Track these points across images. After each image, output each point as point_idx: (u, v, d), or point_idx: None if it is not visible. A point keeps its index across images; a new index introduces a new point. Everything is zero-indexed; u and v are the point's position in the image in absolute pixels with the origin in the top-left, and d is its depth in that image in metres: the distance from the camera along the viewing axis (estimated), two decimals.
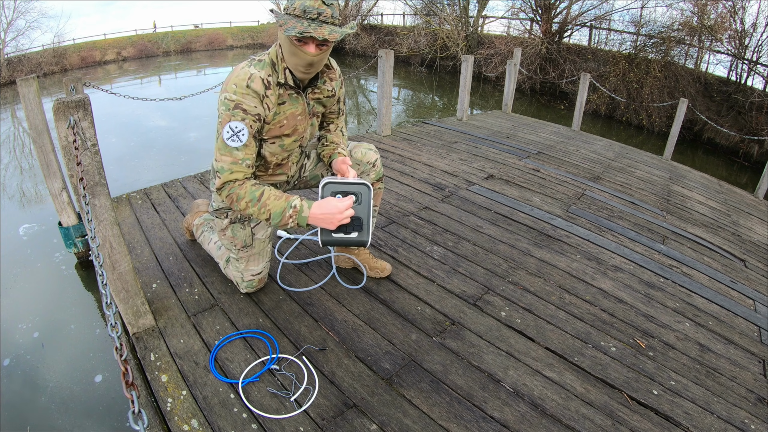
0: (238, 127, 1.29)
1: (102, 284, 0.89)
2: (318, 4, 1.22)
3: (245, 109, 1.29)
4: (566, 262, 2.13)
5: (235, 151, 1.29)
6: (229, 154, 1.29)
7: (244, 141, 1.29)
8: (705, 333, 1.76)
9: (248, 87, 1.29)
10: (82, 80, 2.76)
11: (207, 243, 1.87)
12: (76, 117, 1.21)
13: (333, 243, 1.38)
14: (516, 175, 3.36)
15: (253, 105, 1.30)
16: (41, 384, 2.05)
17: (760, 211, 3.87)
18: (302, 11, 1.22)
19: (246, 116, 1.29)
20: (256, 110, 1.31)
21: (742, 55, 8.70)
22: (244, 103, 1.29)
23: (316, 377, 1.36)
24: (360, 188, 1.35)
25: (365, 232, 1.38)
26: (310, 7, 1.21)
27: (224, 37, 21.27)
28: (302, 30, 1.19)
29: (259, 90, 1.31)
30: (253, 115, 1.31)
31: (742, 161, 7.89)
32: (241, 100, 1.29)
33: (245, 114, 1.29)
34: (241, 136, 1.29)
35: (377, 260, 1.88)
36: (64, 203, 2.61)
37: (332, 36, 1.22)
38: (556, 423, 1.26)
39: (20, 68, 13.14)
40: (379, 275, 1.86)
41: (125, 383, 0.66)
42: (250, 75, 1.30)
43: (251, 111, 1.30)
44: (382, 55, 3.85)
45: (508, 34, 12.76)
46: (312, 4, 1.21)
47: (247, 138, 1.30)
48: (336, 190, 1.33)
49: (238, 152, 1.30)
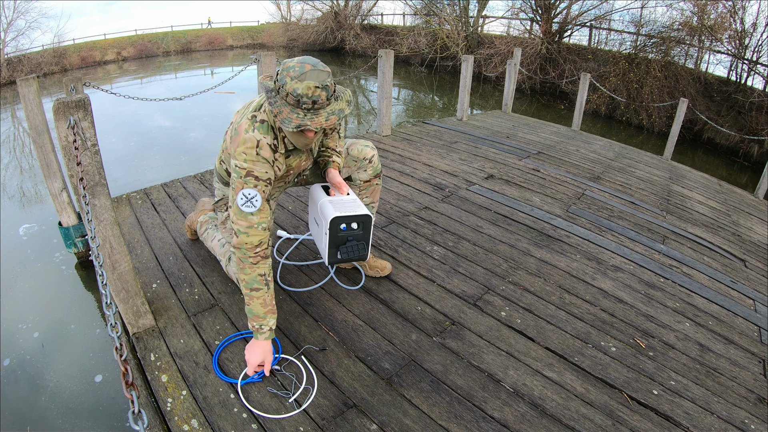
0: (251, 194, 1.31)
1: (102, 284, 0.89)
2: (311, 90, 1.18)
3: (257, 176, 1.31)
4: (566, 262, 2.13)
5: (251, 216, 1.32)
6: (245, 219, 1.32)
7: (258, 206, 1.32)
8: (705, 333, 1.76)
9: (258, 155, 1.30)
10: (82, 80, 2.76)
11: (210, 240, 1.87)
12: (76, 117, 1.21)
13: (338, 263, 1.54)
14: (516, 175, 3.36)
15: (264, 171, 1.32)
16: (41, 384, 2.05)
17: (760, 211, 3.87)
18: (296, 101, 1.19)
19: (258, 182, 1.31)
20: (267, 175, 1.33)
21: (742, 55, 8.69)
22: (255, 170, 1.30)
23: (315, 377, 1.36)
24: (364, 218, 1.47)
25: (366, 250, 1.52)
26: (304, 95, 1.18)
27: (224, 37, 21.28)
28: (299, 123, 1.19)
29: (268, 157, 1.32)
30: (265, 180, 1.33)
31: (742, 161, 7.89)
32: (252, 167, 1.30)
33: (257, 180, 1.31)
34: (255, 202, 1.31)
35: (377, 259, 1.88)
36: (64, 203, 2.61)
37: (329, 123, 1.22)
38: (556, 423, 1.26)
39: (20, 68, 13.14)
40: (379, 274, 1.86)
41: (125, 383, 0.66)
42: (258, 142, 1.30)
43: (262, 177, 1.32)
44: (382, 55, 3.85)
45: (508, 34, 12.75)
46: (305, 93, 1.17)
47: (261, 203, 1.32)
48: (342, 223, 1.44)
49: (253, 217, 1.32)
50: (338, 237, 1.46)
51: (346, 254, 1.48)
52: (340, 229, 1.45)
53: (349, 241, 1.48)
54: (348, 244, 1.48)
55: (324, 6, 17.43)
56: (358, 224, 1.47)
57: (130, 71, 15.36)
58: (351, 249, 1.48)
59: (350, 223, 1.46)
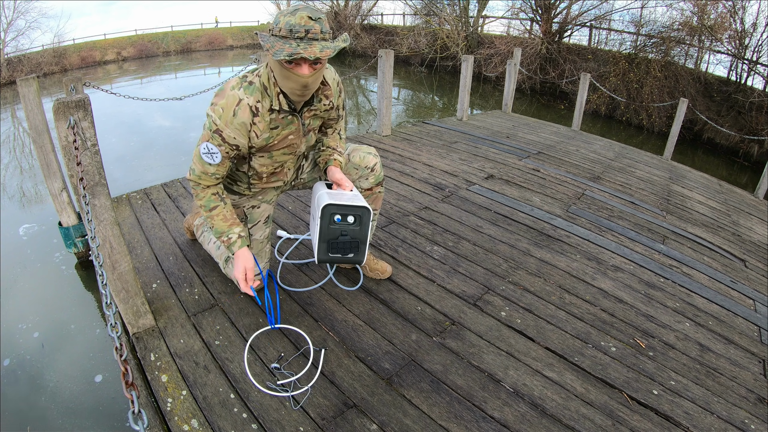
0: (213, 150, 1.32)
1: (102, 284, 0.89)
2: (304, 20, 1.13)
3: (224, 138, 1.30)
4: (566, 262, 2.13)
5: (207, 165, 1.34)
6: (202, 165, 1.35)
7: (216, 162, 1.34)
8: (705, 333, 1.76)
9: (234, 116, 1.27)
10: (82, 80, 2.76)
11: (207, 243, 1.87)
12: (76, 117, 1.21)
13: (329, 261, 1.43)
14: (516, 175, 3.36)
15: (232, 136, 1.30)
16: (41, 384, 2.05)
17: (760, 211, 3.87)
18: (288, 31, 1.14)
19: (222, 144, 1.31)
20: (235, 141, 1.31)
21: (742, 55, 8.69)
22: (224, 132, 1.29)
23: (316, 377, 1.36)
24: (361, 211, 1.34)
25: (361, 252, 1.41)
26: (296, 25, 1.13)
27: (224, 37, 21.27)
28: (291, 52, 1.11)
29: (245, 120, 1.28)
30: (231, 145, 1.32)
31: (742, 161, 7.88)
32: (223, 128, 1.28)
33: (222, 142, 1.30)
34: (215, 157, 1.33)
35: (378, 261, 1.87)
36: (64, 203, 2.61)
37: (324, 53, 1.15)
38: (556, 423, 1.26)
39: (20, 68, 13.13)
40: (379, 276, 1.85)
41: (125, 383, 0.66)
42: (239, 101, 1.26)
43: (229, 140, 1.30)
44: (382, 55, 3.85)
45: (508, 34, 12.75)
46: (298, 22, 1.13)
47: (220, 160, 1.34)
48: (336, 212, 1.33)
49: (209, 167, 1.35)
50: (330, 230, 1.33)
51: (338, 252, 1.36)
52: (334, 221, 1.33)
53: (342, 236, 1.35)
54: (341, 240, 1.35)
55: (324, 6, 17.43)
56: (354, 218, 1.34)
57: (130, 71, 15.35)
58: (344, 247, 1.35)
59: (346, 216, 1.33)
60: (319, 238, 1.36)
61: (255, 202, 1.61)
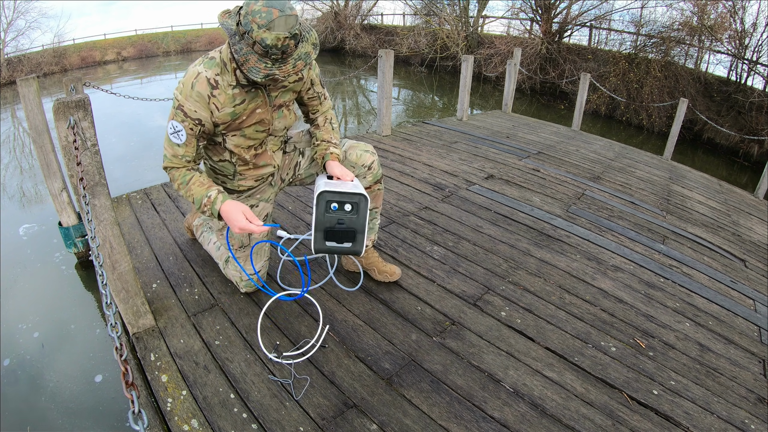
0: (177, 127, 1.31)
1: (102, 284, 0.89)
2: (281, 41, 1.12)
3: (185, 112, 1.29)
4: (566, 262, 2.13)
5: (176, 147, 1.34)
6: (171, 147, 1.34)
7: (183, 140, 1.32)
8: (705, 333, 1.76)
9: (192, 88, 1.28)
10: (82, 80, 2.76)
11: (207, 243, 1.87)
12: (76, 117, 1.21)
13: (325, 251, 1.38)
14: (516, 175, 3.36)
15: (193, 109, 1.28)
16: (41, 384, 2.05)
17: (760, 211, 3.87)
18: (264, 51, 1.13)
19: (185, 119, 1.30)
20: (196, 114, 1.29)
21: (742, 55, 8.69)
22: (185, 106, 1.29)
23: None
24: (357, 198, 1.31)
25: (359, 242, 1.37)
26: (273, 47, 1.12)
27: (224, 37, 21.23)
28: (267, 73, 1.16)
29: (202, 91, 1.28)
30: (193, 119, 1.30)
31: (742, 161, 7.88)
32: (184, 102, 1.29)
33: (185, 117, 1.30)
34: (181, 135, 1.32)
35: (386, 264, 1.84)
36: (64, 203, 2.61)
37: (296, 68, 1.18)
38: (556, 423, 1.26)
39: (20, 68, 13.13)
40: (387, 279, 1.82)
41: (125, 383, 0.66)
42: (197, 74, 1.28)
43: (191, 114, 1.29)
44: (382, 55, 3.85)
45: (508, 34, 12.74)
46: (275, 44, 1.12)
47: (186, 138, 1.32)
48: (332, 199, 1.31)
49: (178, 148, 1.34)
50: (326, 218, 1.30)
51: (334, 240, 1.32)
52: (330, 209, 1.30)
53: (339, 224, 1.31)
54: (337, 229, 1.31)
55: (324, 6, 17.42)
56: (351, 206, 1.31)
57: (130, 71, 15.35)
58: (340, 235, 1.32)
59: (343, 204, 1.30)
60: (314, 227, 1.32)
61: (253, 201, 1.60)
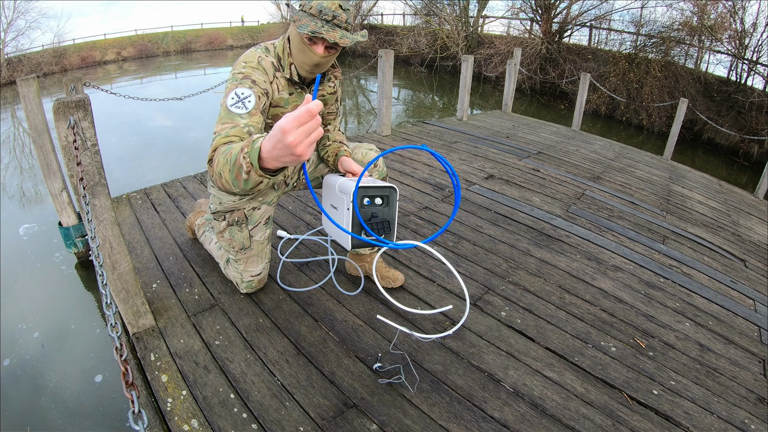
0: (245, 93, 1.18)
1: (102, 284, 0.89)
2: (335, 6, 1.23)
3: (254, 80, 1.25)
4: (566, 262, 2.13)
5: (238, 117, 1.14)
6: (231, 119, 1.13)
7: (249, 108, 1.16)
8: (705, 333, 1.76)
9: (259, 63, 1.31)
10: (82, 80, 2.76)
11: (208, 243, 1.87)
12: (76, 117, 1.21)
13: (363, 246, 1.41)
14: (516, 175, 3.36)
15: (262, 79, 1.29)
16: (41, 384, 2.05)
17: (760, 211, 3.86)
18: (318, 11, 1.23)
19: (254, 86, 1.23)
20: (265, 84, 1.29)
21: (742, 55, 8.69)
22: (253, 75, 1.27)
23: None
24: (388, 191, 1.36)
25: (392, 232, 1.40)
26: (327, 8, 1.22)
27: (224, 37, 21.28)
28: (315, 30, 1.21)
29: (268, 68, 1.32)
30: (263, 88, 1.26)
31: (742, 161, 7.88)
32: (251, 73, 1.27)
33: (254, 84, 1.24)
34: (247, 103, 1.16)
35: (389, 269, 1.83)
36: (64, 203, 2.61)
37: (343, 41, 1.23)
38: (556, 423, 1.26)
39: (20, 68, 13.14)
40: (391, 285, 1.80)
41: (125, 383, 0.66)
42: (260, 56, 1.32)
43: (260, 84, 1.26)
44: (382, 55, 3.85)
45: (508, 34, 12.75)
46: (329, 6, 1.22)
47: (254, 105, 1.17)
48: (365, 194, 1.34)
49: (240, 119, 1.14)
50: (362, 212, 1.33)
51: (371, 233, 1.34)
52: (364, 204, 1.33)
53: (374, 217, 1.35)
54: (372, 222, 1.35)
55: None
56: (382, 199, 1.36)
57: (130, 71, 15.35)
58: (377, 228, 1.35)
59: (374, 198, 1.35)
60: (351, 222, 1.32)
61: (255, 203, 1.60)
